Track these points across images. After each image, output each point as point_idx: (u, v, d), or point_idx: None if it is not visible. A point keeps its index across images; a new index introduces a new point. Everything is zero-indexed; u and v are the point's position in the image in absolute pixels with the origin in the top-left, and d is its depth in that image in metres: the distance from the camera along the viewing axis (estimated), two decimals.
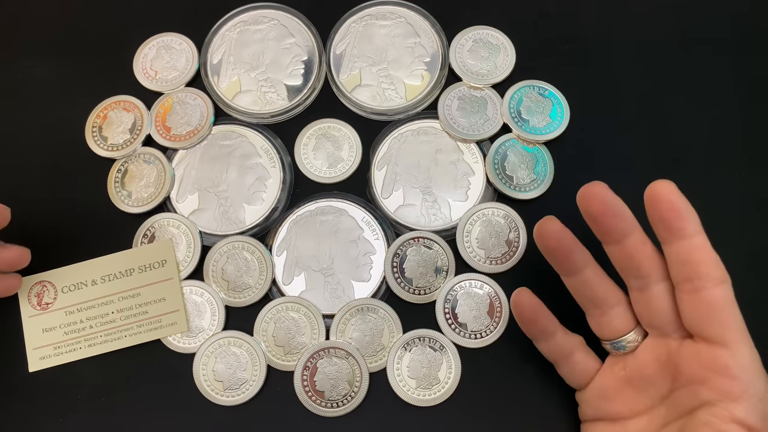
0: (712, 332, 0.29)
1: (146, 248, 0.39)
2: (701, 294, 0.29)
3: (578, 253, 0.32)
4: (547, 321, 0.33)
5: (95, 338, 0.38)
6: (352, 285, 0.38)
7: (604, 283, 0.32)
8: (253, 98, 0.42)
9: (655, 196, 0.29)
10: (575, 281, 0.32)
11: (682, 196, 0.29)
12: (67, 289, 0.38)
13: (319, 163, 0.41)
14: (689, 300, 0.29)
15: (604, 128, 0.41)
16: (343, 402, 0.36)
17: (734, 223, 0.39)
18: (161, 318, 0.38)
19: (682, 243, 0.29)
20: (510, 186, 0.40)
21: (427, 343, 0.37)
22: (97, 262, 0.39)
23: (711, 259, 0.29)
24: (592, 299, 0.32)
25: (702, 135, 0.41)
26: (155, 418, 0.37)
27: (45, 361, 0.37)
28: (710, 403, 0.28)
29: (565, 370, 0.34)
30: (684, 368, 0.30)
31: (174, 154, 0.41)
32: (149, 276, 0.38)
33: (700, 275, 0.29)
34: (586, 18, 0.44)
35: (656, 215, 0.29)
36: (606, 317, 0.32)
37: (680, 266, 0.29)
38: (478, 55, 0.43)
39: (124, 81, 0.43)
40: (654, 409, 0.31)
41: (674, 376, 0.30)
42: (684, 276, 0.29)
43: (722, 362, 0.28)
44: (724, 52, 0.43)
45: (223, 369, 0.37)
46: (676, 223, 0.29)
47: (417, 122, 0.41)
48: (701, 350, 0.29)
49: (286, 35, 0.43)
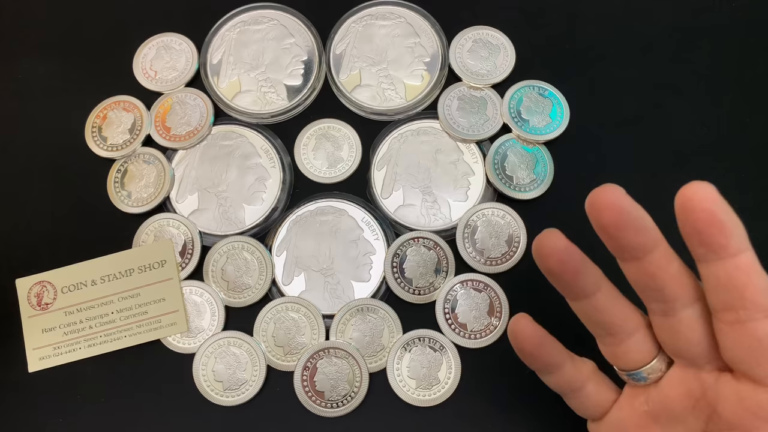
0: (760, 373, 0.23)
1: (146, 248, 0.39)
2: (747, 327, 0.23)
3: (587, 275, 0.26)
4: (553, 352, 0.28)
5: (95, 338, 0.38)
6: (352, 285, 0.38)
7: (619, 307, 0.27)
8: (253, 98, 0.42)
9: (690, 203, 0.23)
10: (584, 306, 0.27)
11: (725, 203, 0.23)
12: (66, 290, 0.38)
13: (319, 163, 0.41)
14: (731, 332, 0.24)
15: (604, 128, 0.41)
16: (343, 402, 0.36)
17: None
18: (161, 318, 0.38)
19: (724, 263, 0.23)
20: (510, 186, 0.40)
21: (427, 343, 0.37)
22: (97, 262, 0.39)
23: (760, 283, 0.23)
24: (604, 327, 0.27)
25: (702, 135, 0.41)
26: (155, 418, 0.37)
27: (45, 362, 0.37)
28: None
29: (575, 402, 0.30)
30: (722, 410, 0.25)
31: (174, 155, 0.41)
32: (149, 276, 0.38)
33: (746, 304, 0.23)
34: (586, 18, 0.44)
35: (691, 227, 0.23)
36: (622, 346, 0.27)
37: (721, 291, 0.24)
38: (477, 55, 0.43)
39: (123, 81, 0.43)
40: None
41: (709, 416, 0.25)
42: (725, 304, 0.24)
43: None
44: (724, 51, 0.43)
45: (222, 369, 0.37)
46: (717, 239, 0.23)
47: (417, 122, 0.41)
48: (745, 391, 0.24)
49: (286, 35, 0.43)
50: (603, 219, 0.24)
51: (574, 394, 0.29)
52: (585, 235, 0.29)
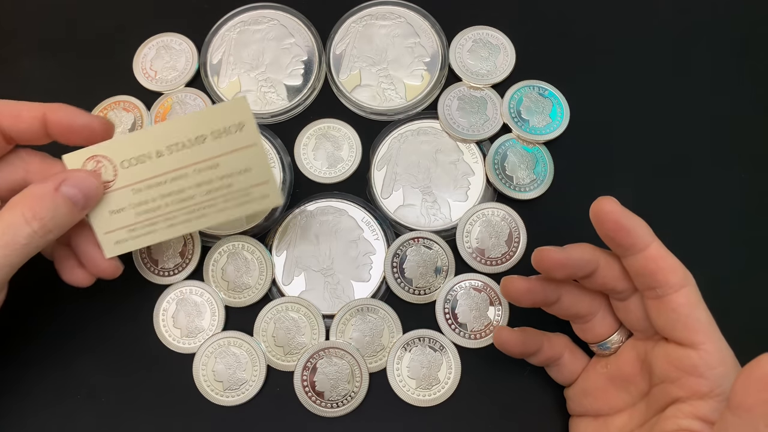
0: (679, 336, 0.29)
1: (216, 109, 0.32)
2: (663, 301, 0.29)
3: (550, 291, 0.32)
4: (532, 343, 0.34)
5: (175, 217, 0.33)
6: (351, 285, 0.38)
7: (583, 300, 0.33)
8: (253, 98, 0.42)
9: (600, 217, 0.30)
10: (554, 309, 0.33)
11: (627, 212, 0.30)
12: (127, 164, 0.32)
13: (319, 163, 0.41)
14: (654, 307, 0.30)
15: (604, 128, 0.41)
16: (343, 402, 0.36)
17: (734, 224, 0.39)
18: (250, 191, 0.33)
19: (637, 257, 0.30)
20: (510, 186, 0.40)
21: (427, 343, 0.37)
22: (159, 129, 0.32)
23: (667, 266, 0.29)
24: (574, 316, 0.34)
25: (702, 135, 0.41)
26: (155, 418, 0.37)
27: (122, 246, 0.33)
28: (680, 400, 0.29)
29: (554, 371, 0.35)
30: (656, 367, 0.30)
31: None
32: (226, 143, 0.32)
33: (659, 283, 0.29)
34: (586, 18, 0.44)
35: (605, 235, 0.30)
36: (589, 325, 0.33)
37: (640, 278, 0.30)
38: (478, 55, 0.43)
39: (124, 81, 0.43)
40: (634, 406, 0.32)
41: (650, 375, 0.31)
42: (645, 286, 0.30)
43: (690, 362, 0.29)
44: (724, 51, 0.43)
45: (222, 369, 0.37)
46: (626, 241, 0.30)
47: (417, 122, 0.41)
48: (672, 351, 0.30)
49: (286, 35, 0.43)
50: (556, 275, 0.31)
51: (554, 364, 0.35)
52: (584, 234, 0.32)
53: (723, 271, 0.38)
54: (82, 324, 0.38)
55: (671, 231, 0.31)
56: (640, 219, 0.30)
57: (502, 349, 0.34)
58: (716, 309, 0.30)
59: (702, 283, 0.30)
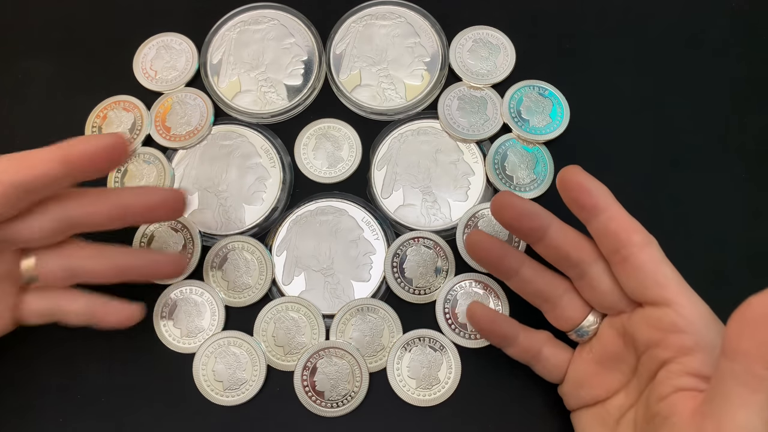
0: (650, 294, 0.29)
1: None
2: (629, 261, 0.30)
3: (509, 257, 0.33)
4: (505, 327, 0.34)
5: None
6: (352, 285, 0.38)
7: (544, 276, 0.33)
8: (253, 98, 0.42)
9: (564, 182, 0.31)
10: (516, 282, 0.34)
11: (589, 176, 0.31)
12: None
13: (319, 163, 0.41)
14: (621, 270, 0.30)
15: (604, 128, 0.41)
16: (343, 402, 0.36)
17: (734, 223, 0.39)
18: None
19: (599, 218, 0.30)
20: (510, 186, 0.40)
21: (427, 343, 0.37)
22: None
23: (629, 226, 0.30)
24: (537, 295, 0.34)
25: (702, 135, 0.41)
26: (155, 418, 0.37)
27: None
28: (668, 361, 0.29)
29: (539, 368, 0.35)
30: (638, 335, 0.30)
31: (174, 154, 0.41)
32: None
33: (623, 243, 0.30)
34: (586, 18, 0.44)
35: (569, 198, 0.31)
36: (558, 309, 0.33)
37: (604, 239, 0.30)
38: (478, 55, 0.43)
39: (123, 81, 0.43)
40: (629, 383, 0.32)
41: (635, 346, 0.31)
42: (610, 248, 0.30)
43: (668, 320, 0.29)
44: (724, 51, 0.43)
45: (222, 369, 0.37)
46: (588, 201, 0.30)
47: (417, 122, 0.41)
48: (648, 314, 0.30)
49: (286, 35, 0.43)
50: (505, 217, 0.32)
51: (535, 359, 0.34)
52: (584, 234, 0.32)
53: (723, 270, 0.38)
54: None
55: (671, 230, 0.31)
56: (603, 185, 0.31)
57: (473, 324, 0.35)
58: (716, 309, 0.30)
59: (702, 282, 0.30)
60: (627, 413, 0.31)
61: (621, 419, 0.31)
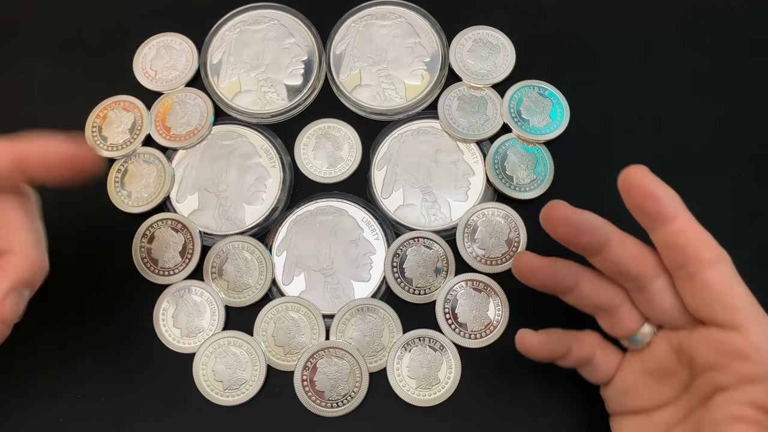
0: (718, 317, 0.27)
1: None
2: (697, 279, 0.27)
3: (565, 274, 0.31)
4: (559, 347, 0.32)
5: None
6: (352, 285, 0.38)
7: (603, 289, 0.31)
8: (253, 98, 0.42)
9: (628, 184, 0.28)
10: (572, 298, 0.31)
11: (657, 179, 0.28)
12: None
13: (319, 163, 0.41)
14: (687, 287, 0.28)
15: (604, 128, 0.41)
16: (343, 402, 0.36)
17: (734, 223, 0.39)
18: None
19: (666, 228, 0.28)
20: (510, 186, 0.40)
21: (427, 343, 0.37)
22: None
23: (699, 239, 0.27)
24: (595, 307, 0.31)
25: (702, 135, 0.41)
26: (155, 418, 0.37)
27: None
28: (728, 388, 0.27)
29: (586, 372, 0.33)
30: (697, 356, 0.28)
31: (174, 154, 0.41)
32: None
33: (691, 259, 0.27)
34: (586, 18, 0.44)
35: (633, 204, 0.28)
36: (615, 317, 0.31)
37: (669, 252, 0.28)
38: (478, 55, 0.43)
39: (124, 81, 0.43)
40: (678, 398, 0.30)
41: (690, 365, 0.29)
42: (676, 263, 0.28)
43: (735, 346, 0.27)
44: (724, 51, 0.43)
45: (222, 369, 0.37)
46: (654, 208, 0.28)
47: (417, 122, 0.41)
48: (712, 335, 0.27)
49: (286, 35, 0.43)
50: (559, 233, 0.29)
51: (587, 365, 0.32)
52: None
53: None
54: (82, 324, 0.38)
55: None
56: (672, 190, 0.28)
57: (526, 355, 0.32)
58: None
59: None
60: (674, 429, 0.29)
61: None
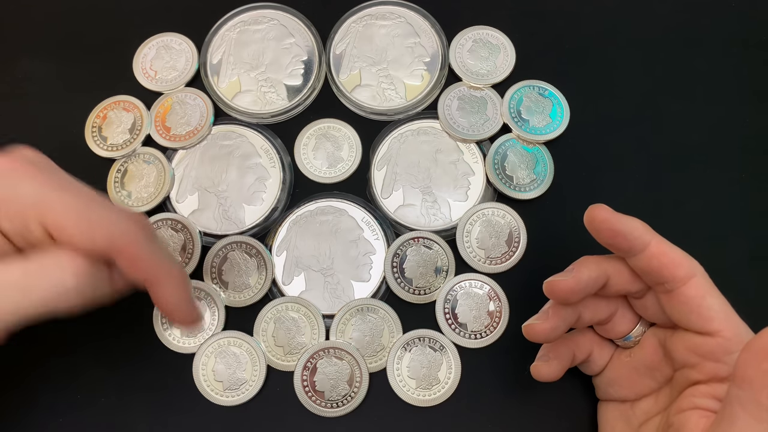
0: (694, 326, 0.30)
1: None
2: (674, 295, 0.30)
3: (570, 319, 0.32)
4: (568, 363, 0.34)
5: None
6: (352, 285, 0.38)
7: (599, 308, 0.33)
8: (253, 98, 0.42)
9: (594, 226, 0.30)
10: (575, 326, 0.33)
11: (619, 216, 0.30)
12: None
13: (319, 163, 0.41)
14: (666, 301, 0.31)
15: (604, 128, 0.41)
16: (343, 402, 0.36)
17: (734, 223, 0.39)
18: None
19: (640, 257, 0.30)
20: (510, 186, 0.40)
21: (427, 343, 0.37)
22: None
23: (671, 261, 0.30)
24: (593, 323, 0.34)
25: (702, 135, 0.41)
26: (155, 418, 0.37)
27: None
28: (700, 382, 0.30)
29: (582, 366, 0.35)
30: (676, 354, 0.31)
31: (174, 154, 0.41)
32: None
33: (667, 279, 0.30)
34: (586, 18, 0.44)
35: (604, 242, 0.30)
36: (609, 325, 0.34)
37: (647, 276, 0.31)
38: (478, 55, 0.42)
39: (123, 81, 0.43)
40: (660, 390, 0.32)
41: (669, 361, 0.32)
42: (654, 282, 0.31)
43: (707, 348, 0.29)
44: (724, 51, 0.43)
45: (222, 369, 0.37)
46: (624, 245, 0.30)
47: (417, 122, 0.41)
48: (688, 338, 0.30)
49: (286, 35, 0.43)
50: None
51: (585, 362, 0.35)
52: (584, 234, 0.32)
53: (722, 270, 0.38)
54: (82, 324, 0.38)
55: (671, 230, 0.31)
56: (635, 220, 0.30)
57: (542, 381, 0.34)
58: None
59: None
60: (653, 418, 0.32)
61: (646, 422, 0.32)
